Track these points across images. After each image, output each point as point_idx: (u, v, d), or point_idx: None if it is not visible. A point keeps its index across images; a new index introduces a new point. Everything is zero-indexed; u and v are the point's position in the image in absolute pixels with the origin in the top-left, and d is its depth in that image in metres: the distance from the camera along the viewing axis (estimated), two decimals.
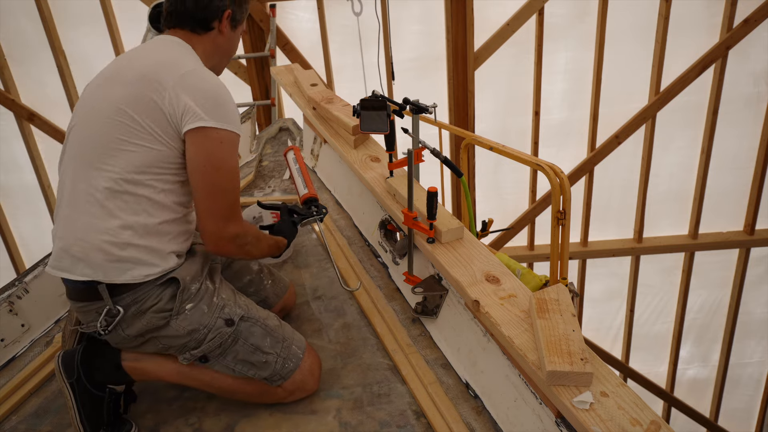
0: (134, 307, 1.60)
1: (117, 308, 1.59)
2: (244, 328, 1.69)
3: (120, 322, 1.61)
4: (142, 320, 1.61)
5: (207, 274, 1.72)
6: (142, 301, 1.60)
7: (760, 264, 4.77)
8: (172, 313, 1.61)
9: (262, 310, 1.78)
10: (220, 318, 1.66)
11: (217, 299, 1.69)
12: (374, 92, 1.99)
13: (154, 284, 1.61)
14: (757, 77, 4.17)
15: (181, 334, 1.63)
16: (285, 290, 2.03)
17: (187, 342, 1.64)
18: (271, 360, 1.70)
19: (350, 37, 4.14)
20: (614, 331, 5.07)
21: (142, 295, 1.60)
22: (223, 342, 1.66)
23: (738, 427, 5.37)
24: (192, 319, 1.63)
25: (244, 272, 1.97)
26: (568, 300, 1.55)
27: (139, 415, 1.76)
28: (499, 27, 4.08)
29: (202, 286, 1.67)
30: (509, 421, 1.58)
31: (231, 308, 1.69)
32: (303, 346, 1.77)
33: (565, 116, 4.37)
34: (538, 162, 2.51)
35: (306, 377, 1.75)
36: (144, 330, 1.62)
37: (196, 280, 1.66)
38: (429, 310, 1.94)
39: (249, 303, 1.77)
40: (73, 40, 4.21)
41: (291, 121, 3.50)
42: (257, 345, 1.69)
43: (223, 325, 1.66)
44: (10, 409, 1.80)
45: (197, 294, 1.65)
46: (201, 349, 1.65)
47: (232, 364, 1.68)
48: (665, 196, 4.54)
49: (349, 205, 2.63)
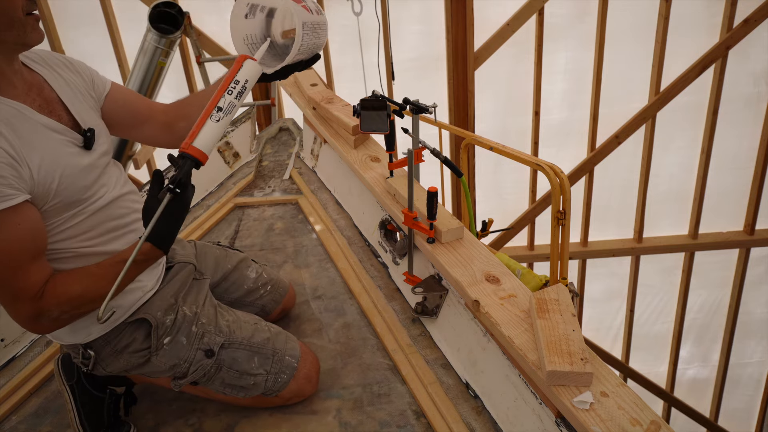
0: (108, 348, 1.56)
1: (88, 352, 1.56)
2: (226, 356, 1.63)
3: (98, 361, 1.58)
4: (121, 360, 1.58)
5: (183, 298, 1.64)
6: (114, 342, 1.56)
7: (760, 264, 4.76)
8: (151, 350, 1.57)
9: (249, 324, 1.72)
10: (199, 350, 1.61)
11: (196, 327, 1.62)
12: (374, 92, 1.99)
13: (124, 323, 1.56)
14: (757, 77, 4.16)
15: (164, 369, 1.61)
16: (284, 294, 2.01)
17: (174, 373, 1.62)
18: (260, 380, 1.66)
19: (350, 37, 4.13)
20: (614, 331, 5.07)
21: (112, 335, 1.56)
22: (206, 372, 1.62)
23: (738, 427, 5.37)
24: (171, 354, 1.59)
25: (240, 282, 1.92)
26: (568, 300, 1.55)
27: (139, 415, 1.76)
28: (499, 27, 4.08)
29: (177, 316, 1.60)
30: (509, 421, 1.58)
31: (210, 336, 1.62)
32: (297, 354, 1.72)
33: (565, 116, 4.37)
34: (538, 162, 2.51)
35: (302, 385, 1.73)
36: (125, 368, 1.60)
37: (170, 312, 1.59)
38: (429, 310, 1.94)
39: (233, 322, 1.69)
40: (73, 40, 4.21)
41: (291, 121, 3.50)
42: (243, 370, 1.65)
43: (203, 357, 1.61)
44: (10, 409, 1.80)
45: (174, 326, 1.59)
46: (188, 379, 1.62)
47: (221, 388, 1.66)
48: (665, 196, 4.54)
49: (349, 205, 2.63)
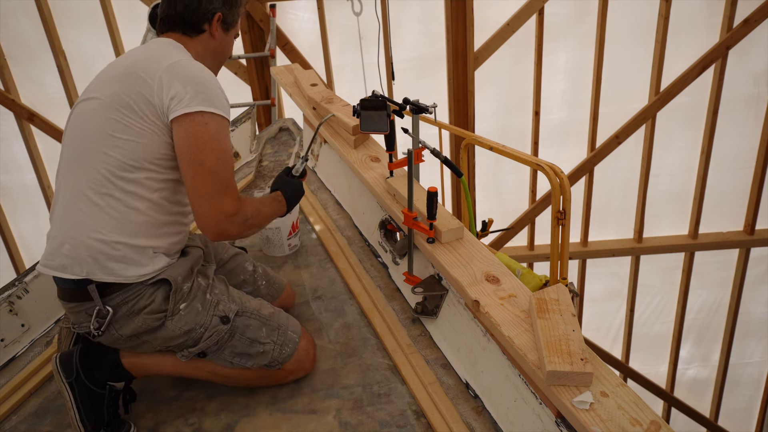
0: (125, 308, 1.60)
1: (107, 308, 1.59)
2: (239, 323, 1.71)
3: (112, 322, 1.61)
4: (136, 321, 1.61)
5: (198, 272, 1.72)
6: (133, 301, 1.60)
7: (760, 264, 4.76)
8: (167, 314, 1.62)
9: (254, 300, 1.81)
10: (215, 316, 1.68)
11: (210, 295, 1.69)
12: (374, 92, 1.99)
13: (144, 284, 1.61)
14: (757, 77, 4.17)
15: (178, 335, 1.64)
16: (280, 291, 2.05)
17: (185, 341, 1.66)
18: (268, 349, 1.73)
19: (350, 37, 4.14)
20: (614, 331, 5.07)
21: (132, 295, 1.60)
22: (220, 339, 1.68)
23: (738, 427, 5.37)
24: (187, 319, 1.64)
25: (238, 272, 1.98)
26: (568, 300, 1.55)
27: (139, 414, 1.76)
28: (499, 27, 4.08)
29: (194, 285, 1.68)
30: (509, 421, 1.58)
31: (225, 304, 1.70)
32: (298, 330, 1.81)
33: (565, 116, 4.37)
34: (538, 162, 2.51)
35: (302, 358, 1.80)
36: (138, 331, 1.62)
37: (188, 279, 1.67)
38: (429, 310, 1.94)
39: (242, 295, 1.79)
40: (73, 40, 4.22)
41: (291, 121, 3.50)
42: (254, 337, 1.72)
43: (219, 323, 1.67)
44: (10, 409, 1.80)
45: (190, 293, 1.66)
46: (199, 347, 1.67)
47: (230, 357, 1.71)
48: (665, 196, 4.54)
49: (349, 205, 2.63)
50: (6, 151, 4.51)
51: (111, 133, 1.56)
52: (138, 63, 1.62)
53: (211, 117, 1.56)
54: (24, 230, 4.82)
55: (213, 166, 1.55)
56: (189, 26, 1.72)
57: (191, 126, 1.54)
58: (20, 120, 4.36)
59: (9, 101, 4.28)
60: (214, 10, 1.72)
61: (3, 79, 4.25)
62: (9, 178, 4.61)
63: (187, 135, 1.54)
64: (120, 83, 1.59)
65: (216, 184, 1.55)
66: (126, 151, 1.56)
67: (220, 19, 1.73)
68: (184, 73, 1.58)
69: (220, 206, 1.56)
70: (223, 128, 1.59)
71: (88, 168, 1.58)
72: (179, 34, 1.72)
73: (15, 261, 4.83)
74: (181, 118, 1.54)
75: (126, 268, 1.58)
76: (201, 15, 1.71)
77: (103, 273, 1.57)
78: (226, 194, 1.57)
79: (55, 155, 4.48)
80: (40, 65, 4.24)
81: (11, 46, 4.21)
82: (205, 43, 1.74)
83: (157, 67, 1.58)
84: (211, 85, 1.60)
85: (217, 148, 1.56)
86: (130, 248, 1.58)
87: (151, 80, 1.56)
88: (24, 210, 4.74)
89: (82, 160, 1.60)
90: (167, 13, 1.73)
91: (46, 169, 4.54)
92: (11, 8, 4.10)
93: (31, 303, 2.07)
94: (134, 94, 1.56)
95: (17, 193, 4.68)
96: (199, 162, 1.54)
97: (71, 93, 4.30)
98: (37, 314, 2.09)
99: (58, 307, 2.16)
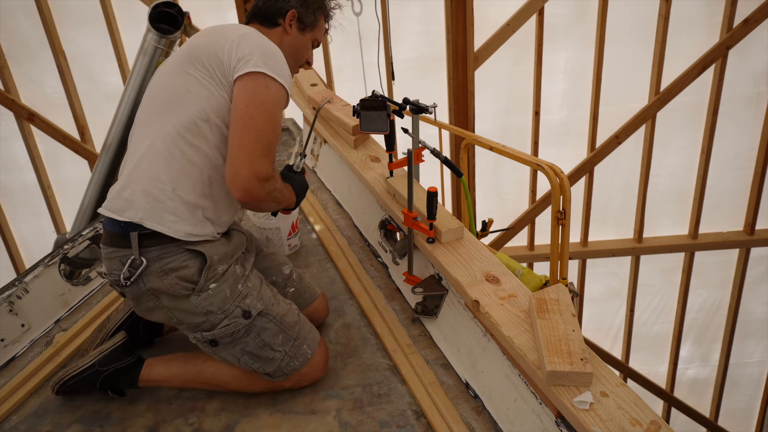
0: (158, 264, 1.61)
1: (141, 259, 1.60)
2: (259, 323, 1.70)
3: (143, 275, 1.62)
4: (165, 281, 1.62)
5: (237, 260, 1.73)
6: (168, 259, 1.62)
7: (760, 264, 4.76)
8: (196, 288, 1.63)
9: (284, 303, 1.79)
10: (239, 307, 1.68)
11: (242, 287, 1.70)
12: (374, 92, 1.99)
13: (183, 247, 1.63)
14: (757, 77, 4.16)
15: (198, 312, 1.65)
16: (309, 302, 1.99)
17: (202, 323, 1.66)
18: (277, 357, 1.72)
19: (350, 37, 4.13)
20: (614, 331, 5.07)
21: (169, 252, 1.62)
22: (235, 332, 1.68)
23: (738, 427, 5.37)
24: (212, 300, 1.65)
25: (272, 272, 1.96)
26: (568, 300, 1.55)
27: (139, 414, 1.77)
28: (499, 27, 4.08)
29: (229, 269, 1.69)
30: (509, 421, 1.58)
31: (252, 300, 1.70)
32: (315, 345, 1.79)
33: (565, 116, 4.36)
34: (538, 162, 2.51)
35: (312, 371, 1.79)
36: (164, 291, 1.62)
37: (224, 262, 1.68)
38: (429, 310, 1.94)
39: (274, 296, 1.78)
40: (72, 40, 4.21)
41: (291, 121, 3.50)
42: (267, 342, 1.71)
43: (240, 316, 1.68)
44: (10, 409, 1.80)
45: (223, 276, 1.67)
46: (213, 333, 1.67)
47: (239, 354, 1.70)
48: (665, 196, 4.53)
49: (349, 205, 2.63)
50: (6, 151, 4.51)
51: (183, 87, 1.64)
52: (218, 29, 1.77)
53: (272, 82, 1.62)
54: (24, 230, 4.81)
55: (262, 126, 1.59)
56: (266, 18, 1.84)
57: (252, 84, 1.61)
58: (20, 120, 4.36)
59: (9, 101, 4.28)
60: (289, 7, 1.84)
61: (3, 79, 4.25)
62: (9, 178, 4.61)
63: (245, 91, 1.60)
64: (198, 47, 1.70)
65: (259, 144, 1.58)
66: (195, 105, 1.62)
67: (294, 16, 1.85)
68: (256, 41, 1.69)
69: (257, 166, 1.57)
70: (281, 97, 1.65)
71: (161, 120, 1.64)
72: (258, 24, 1.85)
73: (15, 261, 4.82)
74: (244, 76, 1.61)
75: (176, 222, 1.61)
76: (276, 9, 1.84)
77: (154, 220, 1.60)
78: (266, 156, 1.59)
79: (55, 155, 4.50)
80: (40, 65, 4.24)
81: (11, 46, 4.20)
82: (280, 37, 1.83)
83: (233, 33, 1.69)
84: (279, 56, 1.68)
85: (271, 110, 1.61)
86: (182, 203, 1.62)
87: (225, 41, 1.66)
88: (24, 210, 4.74)
89: (156, 113, 1.67)
90: (254, 6, 1.88)
91: (46, 169, 4.54)
92: (11, 8, 4.09)
93: (31, 303, 2.07)
94: (208, 52, 1.66)
95: (17, 193, 4.67)
96: (250, 117, 1.58)
97: (71, 93, 4.29)
98: (37, 314, 2.09)
99: (58, 307, 2.16)
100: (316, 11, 1.90)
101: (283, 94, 1.65)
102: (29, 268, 2.18)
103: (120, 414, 1.77)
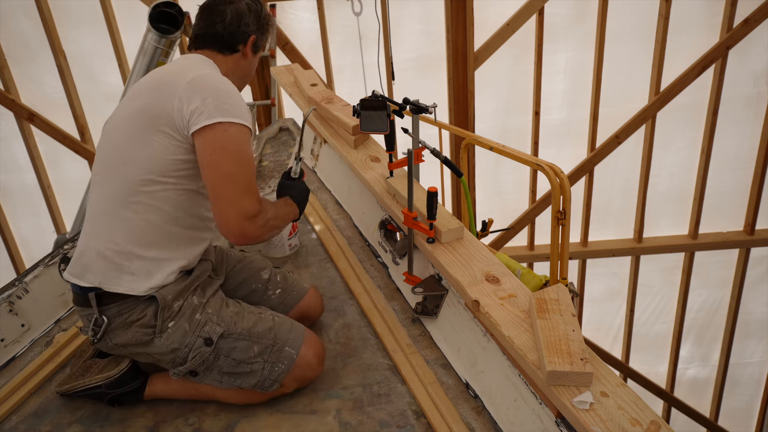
0: (120, 319, 1.65)
1: (102, 318, 1.65)
2: (224, 345, 1.69)
3: (108, 331, 1.66)
4: (128, 333, 1.65)
5: (194, 289, 1.72)
6: (127, 314, 1.64)
7: (760, 264, 4.76)
8: (156, 330, 1.65)
9: (253, 314, 1.76)
10: (199, 337, 1.67)
11: (200, 315, 1.69)
12: (374, 92, 1.99)
13: (139, 299, 1.65)
14: (757, 77, 4.16)
15: (166, 352, 1.67)
16: (298, 299, 1.97)
17: (174, 358, 1.68)
18: (257, 368, 1.70)
19: (350, 37, 4.14)
20: (614, 331, 5.07)
21: (127, 307, 1.64)
22: (204, 360, 1.68)
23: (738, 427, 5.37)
24: (173, 338, 1.66)
25: (250, 282, 1.94)
26: (568, 300, 1.55)
27: (139, 414, 1.77)
28: (499, 27, 4.08)
29: (185, 303, 1.68)
30: (509, 421, 1.58)
31: (211, 326, 1.69)
32: (298, 344, 1.75)
33: (565, 116, 4.37)
34: (538, 162, 2.51)
35: (304, 371, 1.75)
36: (131, 343, 1.67)
37: (179, 298, 1.68)
38: (429, 310, 1.94)
39: (236, 313, 1.74)
40: (73, 40, 4.21)
41: (291, 121, 3.50)
42: (241, 359, 1.69)
43: (202, 345, 1.67)
44: (10, 409, 1.80)
45: (179, 311, 1.67)
46: (186, 366, 1.68)
47: (219, 377, 1.71)
48: (665, 196, 4.53)
49: (349, 205, 2.63)
50: (6, 151, 4.51)
51: (133, 147, 1.62)
52: (165, 77, 1.69)
53: (230, 125, 1.60)
54: (24, 230, 4.81)
55: (232, 169, 1.59)
56: (225, 45, 1.79)
57: (210, 134, 1.59)
58: (20, 120, 4.36)
59: (9, 101, 4.28)
60: (250, 33, 1.81)
61: (3, 79, 4.25)
62: (9, 178, 4.61)
63: (207, 143, 1.59)
64: (145, 98, 1.66)
65: (236, 187, 1.59)
66: (146, 164, 1.61)
67: (253, 41, 1.83)
68: (206, 85, 1.63)
69: (241, 208, 1.59)
70: (243, 135, 1.62)
71: (112, 180, 1.64)
72: (213, 51, 1.79)
73: (15, 261, 4.82)
74: (201, 130, 1.59)
75: (134, 281, 1.63)
76: (239, 36, 1.80)
77: (112, 283, 1.63)
78: (247, 195, 1.60)
79: (55, 155, 4.49)
80: (40, 65, 4.24)
81: (11, 46, 4.20)
82: (236, 62, 1.82)
83: (180, 82, 1.63)
84: (231, 95, 1.65)
85: (236, 151, 1.60)
86: (143, 260, 1.63)
87: (173, 95, 1.61)
88: (24, 210, 4.74)
89: (107, 173, 1.66)
90: (205, 31, 1.80)
91: (46, 169, 4.54)
92: (11, 8, 4.09)
93: (31, 303, 2.07)
94: (157, 109, 1.62)
95: (17, 193, 4.67)
96: (218, 165, 1.58)
97: (71, 93, 4.30)
98: (37, 314, 2.09)
99: (58, 307, 2.16)
100: (268, 33, 1.91)
101: (243, 131, 1.63)
102: (29, 268, 2.18)
103: (120, 414, 1.77)
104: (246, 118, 1.65)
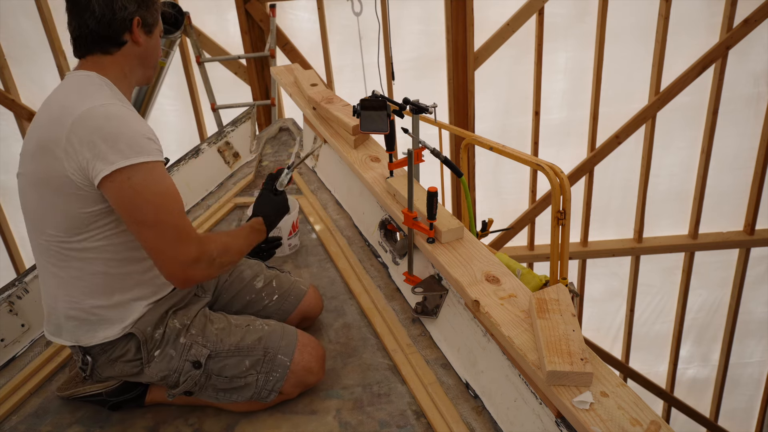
0: (104, 356, 1.66)
1: (87, 358, 1.66)
2: (213, 366, 1.66)
3: (95, 368, 1.67)
4: (115, 368, 1.66)
5: (174, 312, 1.69)
6: (110, 351, 1.65)
7: (760, 264, 4.77)
8: (143, 361, 1.65)
9: (240, 327, 1.72)
10: (187, 361, 1.65)
11: (185, 338, 1.65)
12: (374, 92, 1.99)
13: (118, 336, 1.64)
14: (757, 77, 4.16)
15: (156, 379, 1.67)
16: (297, 303, 1.94)
17: (166, 383, 1.68)
18: (251, 380, 1.67)
19: (350, 37, 4.14)
20: (614, 331, 5.07)
21: (108, 345, 1.64)
22: (197, 381, 1.66)
23: (738, 427, 5.37)
24: (161, 366, 1.65)
25: (244, 293, 1.91)
26: (568, 300, 1.55)
27: (139, 414, 1.76)
28: (499, 27, 4.08)
29: (166, 329, 1.65)
30: (509, 421, 1.58)
31: (197, 348, 1.65)
32: (291, 350, 1.70)
33: (565, 116, 4.37)
34: (538, 162, 2.51)
35: (302, 377, 1.72)
36: (120, 375, 1.68)
37: (160, 325, 1.65)
38: (429, 310, 1.94)
39: (222, 330, 1.70)
40: None
41: (291, 121, 3.49)
42: (232, 375, 1.67)
43: (191, 368, 1.65)
44: (10, 409, 1.80)
45: (163, 339, 1.65)
46: (180, 389, 1.67)
47: (214, 394, 1.69)
48: (665, 196, 4.54)
49: (349, 205, 2.63)
50: (6, 151, 4.51)
51: (43, 210, 1.54)
52: (45, 127, 1.50)
53: (130, 169, 1.42)
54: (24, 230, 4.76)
55: (153, 219, 1.45)
56: (107, 41, 1.54)
57: (114, 188, 1.43)
58: (20, 120, 4.36)
59: (9, 101, 4.28)
60: (131, 16, 1.54)
61: (3, 79, 4.25)
62: (9, 178, 4.60)
63: (115, 198, 1.45)
64: (35, 161, 1.52)
65: (164, 237, 1.46)
66: (63, 223, 1.51)
67: (139, 23, 1.56)
68: (89, 127, 1.43)
69: (177, 256, 1.48)
70: (149, 173, 1.45)
71: (42, 246, 1.59)
72: (98, 55, 1.56)
73: (15, 261, 4.82)
74: (103, 181, 1.43)
75: (109, 328, 1.62)
76: (118, 25, 1.53)
77: (87, 338, 1.63)
78: (178, 243, 1.47)
79: None
80: (40, 65, 4.24)
81: (11, 46, 4.20)
82: (129, 55, 1.58)
83: (60, 134, 1.44)
84: (120, 131, 1.44)
85: (150, 199, 1.45)
86: (107, 309, 1.60)
87: (60, 153, 1.45)
88: None
89: (34, 236, 1.62)
90: (79, 33, 1.54)
91: None
92: (11, 8, 4.09)
93: (31, 303, 2.07)
94: (51, 174, 1.48)
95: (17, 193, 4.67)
96: (138, 220, 1.45)
97: None
98: (37, 314, 2.09)
99: None
100: (152, 5, 1.60)
101: (148, 167, 1.45)
102: (29, 268, 2.18)
103: (120, 414, 1.77)
104: (148, 150, 1.45)
